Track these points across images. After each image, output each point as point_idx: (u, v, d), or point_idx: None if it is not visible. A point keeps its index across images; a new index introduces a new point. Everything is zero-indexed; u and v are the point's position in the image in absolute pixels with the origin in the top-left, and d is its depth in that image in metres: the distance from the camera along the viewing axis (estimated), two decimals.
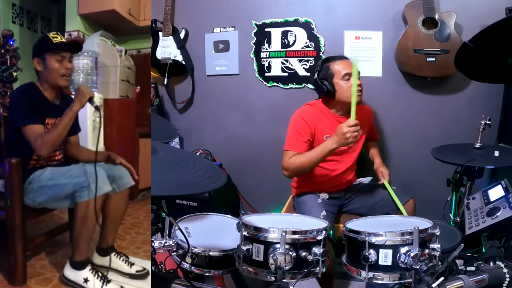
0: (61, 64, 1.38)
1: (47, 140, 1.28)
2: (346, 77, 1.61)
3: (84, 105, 1.34)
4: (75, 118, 1.56)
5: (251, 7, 2.25)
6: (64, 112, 1.33)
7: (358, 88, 1.57)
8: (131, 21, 2.72)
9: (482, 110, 1.68)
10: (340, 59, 1.67)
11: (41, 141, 1.28)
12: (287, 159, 1.60)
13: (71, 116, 1.32)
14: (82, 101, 1.32)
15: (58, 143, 1.34)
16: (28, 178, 1.35)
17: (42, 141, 1.28)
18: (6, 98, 1.97)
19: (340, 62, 1.64)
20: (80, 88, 1.34)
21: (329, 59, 1.69)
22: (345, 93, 1.61)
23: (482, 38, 1.13)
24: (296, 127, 1.63)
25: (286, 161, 1.60)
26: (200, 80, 2.43)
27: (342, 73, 1.62)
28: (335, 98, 1.65)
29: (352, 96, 1.34)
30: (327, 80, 1.64)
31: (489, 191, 1.42)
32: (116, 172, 1.43)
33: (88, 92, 1.34)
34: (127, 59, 2.62)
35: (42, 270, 1.48)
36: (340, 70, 1.62)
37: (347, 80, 1.61)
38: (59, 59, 1.37)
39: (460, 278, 0.95)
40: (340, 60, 1.66)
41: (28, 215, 1.36)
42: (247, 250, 1.01)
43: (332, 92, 1.63)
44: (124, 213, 1.53)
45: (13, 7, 2.61)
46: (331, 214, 1.61)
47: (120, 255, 1.50)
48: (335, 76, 1.63)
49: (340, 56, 1.70)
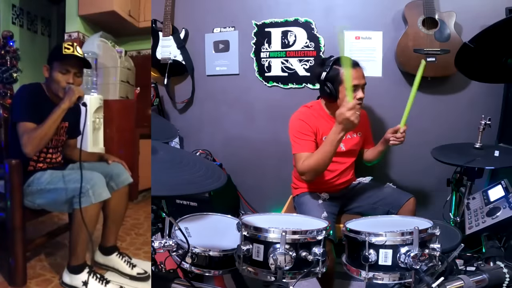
0: (65, 77, 1.35)
1: (33, 137, 1.27)
2: (352, 88, 1.57)
3: (73, 103, 1.32)
4: (77, 122, 1.57)
5: (251, 7, 2.25)
6: (65, 115, 1.32)
7: (360, 102, 1.56)
8: (131, 22, 2.72)
9: (482, 110, 1.68)
10: (352, 67, 1.55)
11: (27, 138, 1.27)
12: (301, 162, 1.54)
13: (59, 114, 1.30)
14: (71, 99, 1.31)
15: (45, 141, 1.31)
16: (28, 180, 1.34)
17: (28, 137, 1.27)
18: (6, 99, 1.97)
19: (351, 71, 1.54)
20: (70, 86, 1.33)
21: (340, 62, 1.58)
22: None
23: (482, 38, 1.13)
24: (298, 129, 1.62)
25: (300, 165, 1.54)
26: (200, 80, 2.44)
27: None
28: (336, 103, 1.62)
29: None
30: (333, 84, 1.58)
31: (489, 191, 1.42)
32: (113, 170, 1.43)
33: (78, 91, 1.32)
34: (127, 60, 2.62)
35: (42, 271, 1.48)
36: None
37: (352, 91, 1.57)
38: (63, 72, 1.35)
39: (460, 278, 0.95)
40: (351, 68, 1.55)
41: (28, 216, 1.36)
42: (247, 250, 1.01)
43: (334, 97, 1.61)
44: (124, 210, 1.52)
45: (13, 8, 2.61)
46: (331, 214, 1.60)
47: (123, 256, 1.50)
48: (342, 84, 1.56)
49: (353, 63, 1.58)
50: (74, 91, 1.31)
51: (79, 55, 1.38)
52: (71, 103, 1.32)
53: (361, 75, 1.59)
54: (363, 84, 1.59)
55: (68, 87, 1.33)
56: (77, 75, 1.39)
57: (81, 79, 1.42)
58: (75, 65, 1.37)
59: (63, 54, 1.34)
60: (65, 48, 1.35)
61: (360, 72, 1.59)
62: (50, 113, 1.34)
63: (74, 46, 1.37)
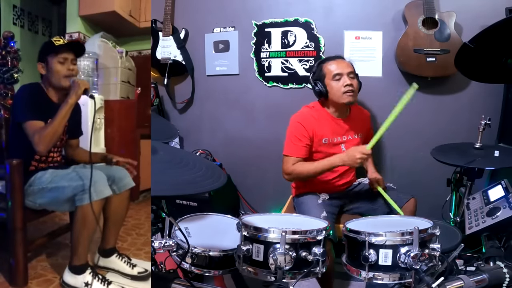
0: (64, 65, 1.38)
1: (44, 135, 1.27)
2: (336, 77, 1.60)
3: (80, 97, 1.33)
4: (78, 121, 1.57)
5: (251, 7, 2.25)
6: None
7: (349, 88, 1.59)
8: (131, 22, 2.73)
9: (482, 110, 1.68)
10: (333, 59, 1.66)
11: (39, 137, 1.27)
12: (289, 165, 1.61)
13: (68, 109, 1.30)
14: (77, 93, 1.31)
15: (56, 138, 1.32)
16: (29, 180, 1.34)
17: (40, 136, 1.27)
18: (7, 100, 1.97)
19: (333, 63, 1.64)
20: (74, 80, 1.34)
21: (324, 60, 1.70)
22: (335, 94, 1.61)
23: (482, 38, 1.12)
24: (294, 132, 1.64)
25: (288, 167, 1.61)
26: (200, 80, 2.44)
27: (332, 73, 1.61)
28: (329, 98, 1.65)
29: (374, 137, 1.45)
30: (320, 81, 1.64)
31: (489, 191, 1.42)
32: (116, 174, 1.43)
33: (83, 83, 1.33)
34: (128, 61, 2.62)
35: (43, 272, 1.48)
36: (331, 70, 1.62)
37: (337, 80, 1.60)
38: (61, 61, 1.37)
39: (460, 278, 0.95)
40: (333, 61, 1.65)
41: (29, 217, 1.36)
42: (247, 250, 1.01)
43: (325, 93, 1.63)
44: (125, 214, 1.52)
45: (14, 9, 2.61)
46: (331, 214, 1.61)
47: (122, 257, 1.50)
48: (326, 76, 1.63)
49: (334, 56, 1.69)
50: (79, 84, 1.32)
51: (68, 42, 1.41)
52: (78, 96, 1.32)
53: (345, 65, 1.63)
54: (348, 72, 1.61)
55: (73, 81, 1.34)
56: (73, 63, 1.41)
57: (77, 66, 1.44)
58: (70, 52, 1.40)
59: (56, 46, 1.37)
60: (55, 41, 1.38)
61: (342, 62, 1.64)
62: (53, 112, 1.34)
63: (63, 39, 1.41)
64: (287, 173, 1.63)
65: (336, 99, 1.62)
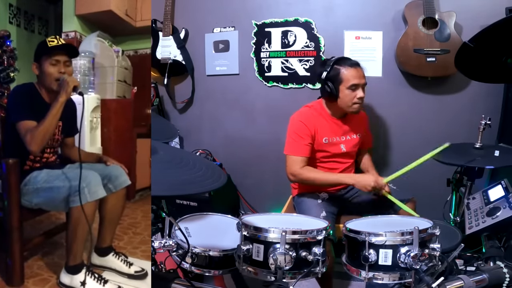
0: (56, 68, 1.36)
1: (36, 134, 1.27)
2: (352, 87, 1.56)
3: (70, 94, 1.32)
4: (73, 120, 1.56)
5: (251, 7, 2.25)
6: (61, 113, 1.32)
7: (361, 101, 1.59)
8: (128, 21, 2.72)
9: (482, 110, 1.68)
10: (352, 66, 1.58)
11: (31, 136, 1.27)
12: (297, 166, 1.58)
13: (58, 108, 1.30)
14: (67, 91, 1.31)
15: (48, 137, 1.32)
16: (24, 180, 1.34)
17: (32, 135, 1.27)
18: (4, 99, 1.96)
19: (352, 70, 1.57)
20: (64, 78, 1.33)
21: (342, 62, 1.60)
22: (346, 102, 1.59)
23: (482, 38, 1.12)
24: (296, 130, 1.62)
25: (296, 169, 1.58)
26: (200, 80, 2.43)
27: (350, 82, 1.56)
28: (336, 102, 1.62)
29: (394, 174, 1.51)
30: (333, 84, 1.58)
31: (489, 191, 1.42)
32: (112, 172, 1.42)
33: (72, 81, 1.32)
34: (124, 60, 2.61)
35: (39, 271, 1.47)
36: (349, 78, 1.56)
37: (352, 90, 1.57)
38: (53, 63, 1.36)
39: (460, 278, 0.95)
40: (352, 68, 1.58)
41: (25, 216, 1.35)
42: (247, 250, 1.01)
43: (335, 96, 1.60)
44: (121, 212, 1.52)
45: (10, 8, 2.60)
46: (331, 214, 1.60)
47: (119, 255, 1.50)
48: (343, 83, 1.57)
49: (354, 62, 1.61)
50: (68, 82, 1.31)
51: (64, 43, 1.40)
52: (68, 94, 1.32)
53: (362, 74, 1.60)
54: (363, 83, 1.60)
55: (62, 79, 1.33)
56: (66, 64, 1.40)
57: (71, 68, 1.43)
58: (63, 54, 1.38)
59: (49, 47, 1.35)
60: (49, 41, 1.37)
61: (360, 72, 1.60)
62: (46, 111, 1.33)
63: (58, 38, 1.39)
64: (293, 174, 1.60)
65: (344, 106, 1.61)
